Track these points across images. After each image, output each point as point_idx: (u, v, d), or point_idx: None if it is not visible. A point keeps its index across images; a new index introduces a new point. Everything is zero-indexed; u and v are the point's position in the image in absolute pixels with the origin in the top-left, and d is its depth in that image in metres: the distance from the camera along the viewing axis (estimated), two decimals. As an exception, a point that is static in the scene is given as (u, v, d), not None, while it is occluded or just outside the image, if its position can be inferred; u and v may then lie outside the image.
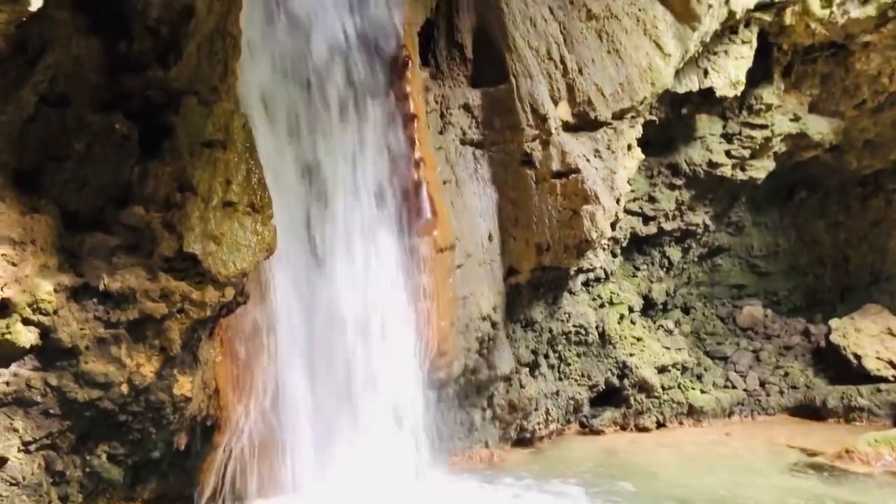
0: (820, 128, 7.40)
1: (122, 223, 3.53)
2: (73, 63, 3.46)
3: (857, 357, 7.21)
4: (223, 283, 3.74)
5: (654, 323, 7.77)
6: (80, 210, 3.51)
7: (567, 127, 5.72)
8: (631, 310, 7.26)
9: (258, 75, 4.56)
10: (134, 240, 3.55)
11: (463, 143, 5.82)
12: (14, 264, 3.20)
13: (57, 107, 3.43)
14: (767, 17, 6.46)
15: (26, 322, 3.24)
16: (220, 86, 3.86)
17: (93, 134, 3.49)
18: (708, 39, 6.03)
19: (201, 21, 3.69)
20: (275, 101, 4.69)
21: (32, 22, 3.01)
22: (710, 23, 5.81)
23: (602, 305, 6.96)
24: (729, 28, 6.34)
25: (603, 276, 6.94)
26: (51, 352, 3.38)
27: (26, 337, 3.25)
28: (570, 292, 6.60)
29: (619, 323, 7.02)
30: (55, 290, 3.30)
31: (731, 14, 6.02)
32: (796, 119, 7.28)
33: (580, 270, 6.54)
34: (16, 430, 3.35)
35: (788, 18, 6.50)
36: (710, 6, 5.70)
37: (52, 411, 3.42)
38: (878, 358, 7.15)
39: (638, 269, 7.78)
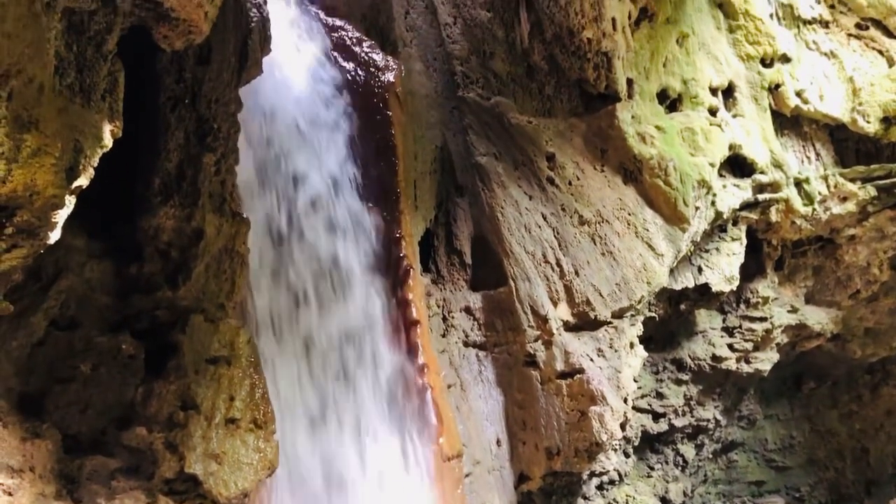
0: (819, 318, 7.43)
1: (124, 445, 3.48)
2: (85, 286, 3.57)
3: (894, 558, 6.81)
4: (224, 505, 3.62)
5: (675, 527, 7.40)
6: (81, 432, 3.47)
7: (568, 327, 5.78)
8: (649, 513, 6.95)
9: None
10: (135, 462, 3.48)
11: (466, 345, 5.85)
12: (10, 493, 3.10)
13: (66, 330, 3.50)
14: (754, 216, 6.71)
15: (17, 556, 3.11)
16: (227, 303, 3.95)
17: (99, 355, 3.53)
18: (699, 238, 6.22)
19: (210, 243, 3.85)
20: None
21: (48, 250, 3.13)
22: (698, 223, 6.04)
23: (618, 510, 6.68)
24: (718, 227, 6.57)
25: (617, 478, 6.69)
26: (41, 587, 3.20)
27: (16, 573, 3.10)
28: (585, 498, 6.33)
29: (637, 529, 6.70)
30: (50, 520, 3.20)
31: (719, 214, 6.26)
32: (794, 310, 7.33)
33: (593, 474, 6.31)
34: None
35: (774, 216, 6.75)
36: (697, 208, 5.94)
37: None
38: (916, 558, 6.75)
39: (652, 468, 7.51)
